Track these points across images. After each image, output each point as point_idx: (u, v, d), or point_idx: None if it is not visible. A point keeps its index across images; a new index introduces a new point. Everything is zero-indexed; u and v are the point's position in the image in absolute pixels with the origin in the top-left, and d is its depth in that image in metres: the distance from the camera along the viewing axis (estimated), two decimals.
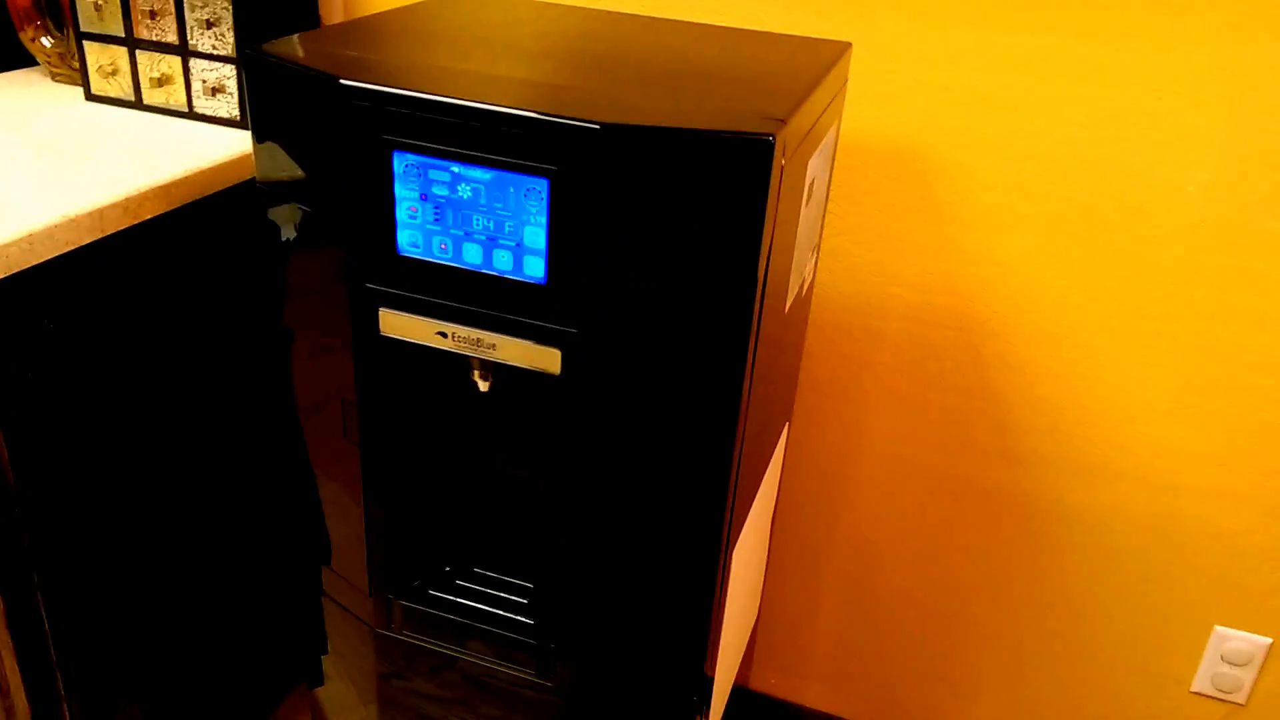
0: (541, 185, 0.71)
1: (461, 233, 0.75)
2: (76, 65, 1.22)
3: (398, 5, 1.21)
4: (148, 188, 0.99)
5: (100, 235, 0.95)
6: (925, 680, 1.36)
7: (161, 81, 1.15)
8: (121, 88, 1.17)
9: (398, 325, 0.80)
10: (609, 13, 1.06)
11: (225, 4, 1.09)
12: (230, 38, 1.11)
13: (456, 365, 0.83)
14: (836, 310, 1.19)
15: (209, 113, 1.15)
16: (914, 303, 1.15)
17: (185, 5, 1.10)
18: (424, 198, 0.75)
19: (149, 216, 1.00)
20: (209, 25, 1.10)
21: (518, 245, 0.74)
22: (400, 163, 0.74)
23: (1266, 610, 1.15)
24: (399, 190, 0.75)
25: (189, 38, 1.12)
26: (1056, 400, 1.14)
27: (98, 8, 1.14)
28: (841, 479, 1.28)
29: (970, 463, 1.21)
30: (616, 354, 0.76)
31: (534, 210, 0.72)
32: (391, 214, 0.76)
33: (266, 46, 0.80)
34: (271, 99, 0.79)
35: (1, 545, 0.96)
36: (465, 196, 0.74)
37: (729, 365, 0.75)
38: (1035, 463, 1.18)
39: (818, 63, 0.89)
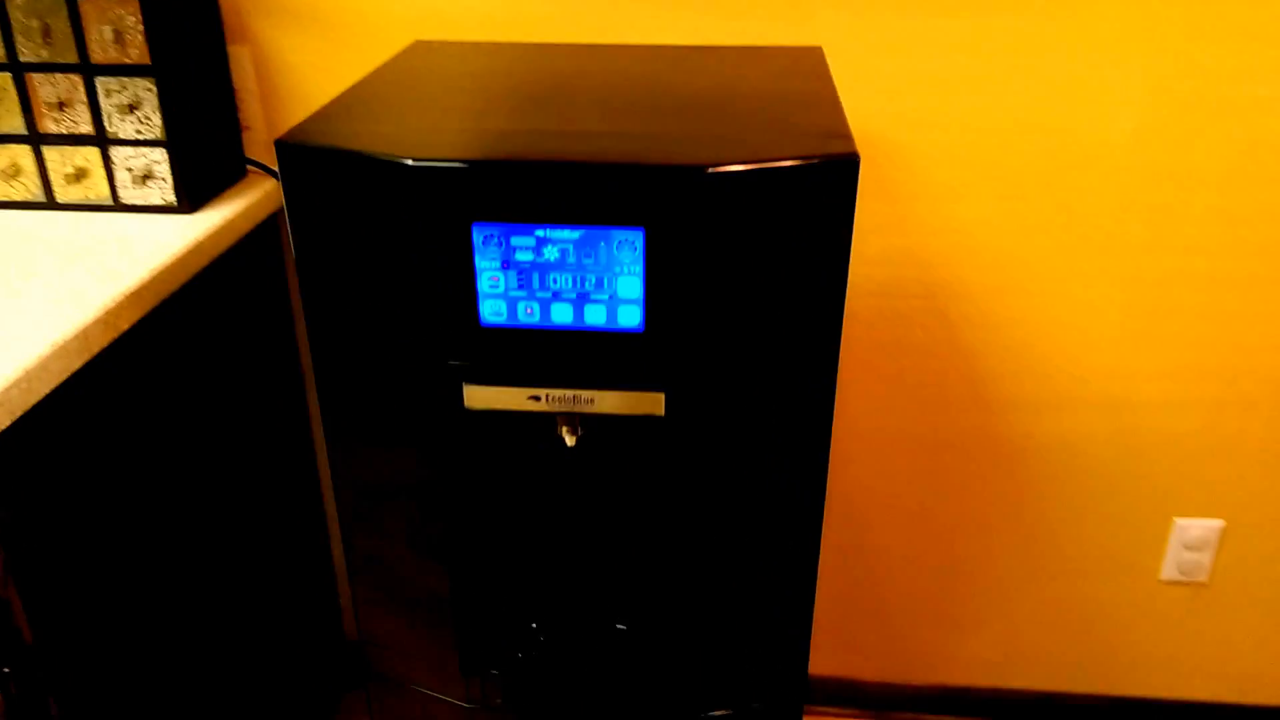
0: (637, 236, 0.71)
1: (549, 294, 0.74)
2: None
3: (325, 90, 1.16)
4: (121, 295, 0.91)
5: (88, 357, 0.87)
6: (925, 626, 1.45)
7: (78, 176, 1.05)
8: (28, 189, 1.06)
9: (485, 398, 0.78)
10: (569, 46, 1.06)
11: (148, 85, 1.01)
12: (157, 119, 1.02)
13: (541, 425, 0.82)
14: None
15: (140, 202, 1.06)
16: (879, 278, 1.22)
17: (100, 91, 1.01)
18: (505, 265, 0.73)
19: (126, 327, 0.92)
20: (131, 109, 1.02)
21: (611, 298, 0.74)
22: (480, 234, 0.72)
23: (1215, 497, 1.30)
24: (479, 262, 0.73)
25: (107, 125, 1.03)
26: (1019, 347, 1.24)
27: None
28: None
29: (947, 418, 1.29)
30: (717, 385, 0.77)
31: (628, 261, 0.72)
32: (473, 287, 0.74)
33: (301, 136, 0.75)
34: (316, 188, 0.74)
35: (25, 710, 0.87)
36: (552, 259, 0.73)
37: (822, 374, 0.78)
38: (1006, 407, 1.27)
39: (818, 71, 0.92)
